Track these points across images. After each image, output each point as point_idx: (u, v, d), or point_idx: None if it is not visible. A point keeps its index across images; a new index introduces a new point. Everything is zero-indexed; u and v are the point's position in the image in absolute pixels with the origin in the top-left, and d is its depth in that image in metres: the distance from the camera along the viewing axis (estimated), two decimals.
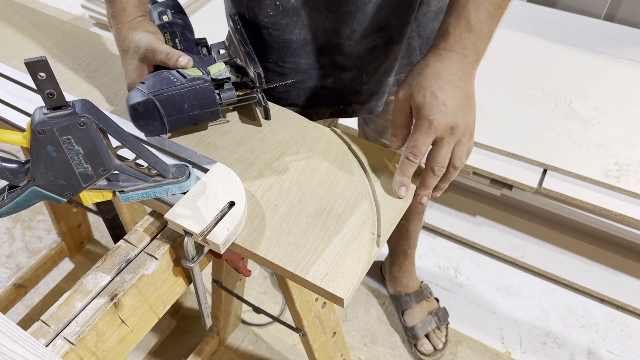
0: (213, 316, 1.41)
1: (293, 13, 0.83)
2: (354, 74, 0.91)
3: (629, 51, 1.79)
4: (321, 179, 0.72)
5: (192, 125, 0.75)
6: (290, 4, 0.82)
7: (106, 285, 0.63)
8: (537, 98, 1.64)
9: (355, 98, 0.95)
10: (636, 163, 1.45)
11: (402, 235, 1.44)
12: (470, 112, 0.69)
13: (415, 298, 1.53)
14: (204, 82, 0.71)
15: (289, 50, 0.87)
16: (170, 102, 0.70)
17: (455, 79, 0.68)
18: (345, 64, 0.89)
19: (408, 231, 1.43)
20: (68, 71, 0.89)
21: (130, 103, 0.70)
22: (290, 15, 0.83)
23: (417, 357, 1.48)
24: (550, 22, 1.91)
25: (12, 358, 0.54)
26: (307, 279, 0.61)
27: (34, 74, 0.52)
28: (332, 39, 0.85)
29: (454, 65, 0.68)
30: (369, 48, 0.87)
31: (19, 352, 0.54)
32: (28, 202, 0.61)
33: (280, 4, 0.82)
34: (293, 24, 0.84)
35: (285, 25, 0.84)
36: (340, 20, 0.83)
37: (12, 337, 0.55)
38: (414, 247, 1.50)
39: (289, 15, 0.83)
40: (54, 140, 0.57)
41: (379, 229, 0.67)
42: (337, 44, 0.86)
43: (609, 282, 1.59)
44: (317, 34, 0.85)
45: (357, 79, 0.92)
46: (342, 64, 0.89)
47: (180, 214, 0.63)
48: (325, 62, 0.89)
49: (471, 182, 1.68)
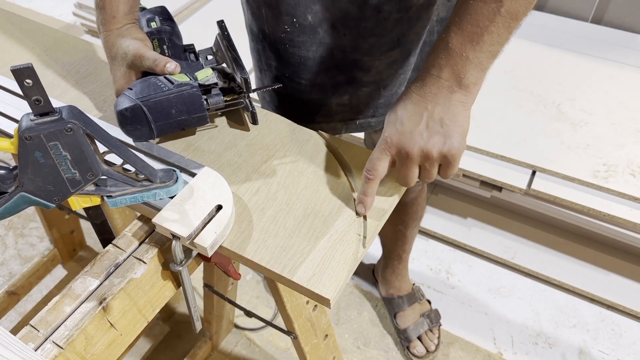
0: (205, 321, 1.41)
1: (310, 31, 0.82)
2: (371, 89, 0.89)
3: (616, 53, 1.81)
4: (308, 182, 0.73)
5: (180, 130, 0.76)
6: (308, 22, 0.81)
7: (95, 289, 0.64)
8: (526, 100, 1.66)
9: (372, 112, 0.94)
10: (624, 163, 1.47)
11: (399, 239, 1.45)
12: (441, 138, 0.64)
13: (408, 300, 1.53)
14: (191, 87, 0.72)
15: (305, 67, 0.87)
16: (158, 108, 0.71)
17: (423, 100, 0.65)
18: (363, 79, 0.88)
19: (405, 236, 1.44)
20: (57, 78, 0.90)
21: (118, 109, 0.71)
22: (307, 33, 0.82)
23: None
24: (539, 25, 1.93)
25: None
26: (294, 281, 0.62)
27: (21, 80, 0.53)
28: (350, 55, 0.84)
29: (425, 86, 0.65)
30: (388, 63, 0.86)
31: (7, 356, 0.55)
32: (17, 207, 0.62)
33: (297, 21, 0.81)
34: (310, 42, 0.83)
35: (302, 42, 0.83)
36: (358, 37, 0.82)
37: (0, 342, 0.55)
38: (409, 252, 1.51)
39: (305, 33, 0.82)
40: (42, 146, 0.57)
41: (365, 230, 0.68)
42: (354, 60, 0.85)
43: (599, 282, 1.60)
44: (334, 52, 0.84)
45: (374, 94, 0.90)
46: (360, 80, 0.88)
47: (168, 217, 0.64)
48: (342, 79, 0.88)
49: (461, 184, 1.69)
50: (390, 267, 1.54)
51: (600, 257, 1.65)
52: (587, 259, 1.65)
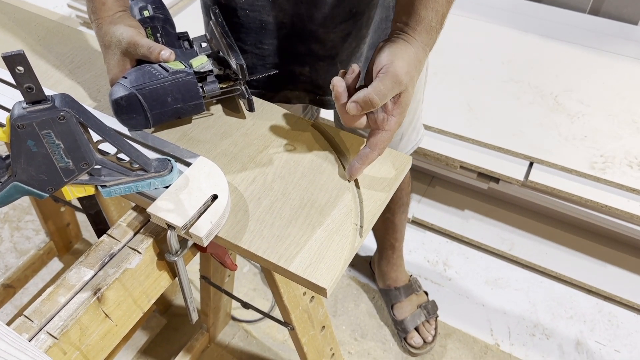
0: (202, 313, 1.41)
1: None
2: (327, 63, 0.92)
3: (614, 44, 1.80)
4: (304, 172, 0.72)
5: (175, 118, 0.75)
6: None
7: (89, 279, 0.63)
8: (523, 92, 1.66)
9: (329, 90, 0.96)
10: (621, 155, 1.46)
11: (389, 228, 1.45)
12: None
13: (405, 292, 1.53)
14: (186, 75, 0.71)
15: (266, 32, 0.88)
16: (154, 96, 0.70)
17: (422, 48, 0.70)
18: (319, 52, 0.90)
19: (394, 224, 1.44)
20: (51, 68, 0.89)
21: (113, 98, 0.70)
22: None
23: (407, 351, 1.49)
24: (536, 16, 1.92)
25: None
26: (290, 270, 0.61)
27: (12, 67, 0.52)
28: (307, 25, 0.86)
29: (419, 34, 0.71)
30: (342, 36, 0.88)
31: (1, 346, 0.54)
32: (9, 197, 0.61)
33: None
34: (269, 7, 0.85)
35: (262, 6, 0.85)
36: (313, 6, 0.84)
37: None
38: (401, 240, 1.50)
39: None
40: (34, 134, 0.56)
41: (362, 220, 0.67)
42: (311, 30, 0.87)
43: (596, 273, 1.60)
44: (293, 19, 0.86)
45: (331, 69, 0.92)
46: (317, 53, 0.90)
47: (162, 207, 0.63)
48: (302, 49, 0.90)
49: (458, 176, 1.69)
50: (385, 258, 1.54)
51: (597, 249, 1.65)
52: (584, 251, 1.65)
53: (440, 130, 1.56)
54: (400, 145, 1.14)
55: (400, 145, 1.14)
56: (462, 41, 1.81)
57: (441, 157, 1.54)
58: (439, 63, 1.74)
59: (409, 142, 1.16)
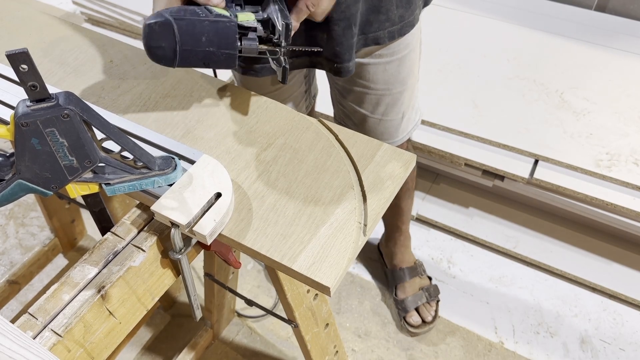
0: (206, 310, 1.41)
1: None
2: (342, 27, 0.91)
3: (620, 41, 1.79)
4: (308, 170, 0.72)
5: (203, 65, 0.71)
6: None
7: (93, 277, 0.64)
8: (528, 89, 1.65)
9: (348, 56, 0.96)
10: (627, 152, 1.46)
11: (395, 213, 1.49)
12: None
13: (409, 273, 1.56)
14: (229, 21, 0.69)
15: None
16: (189, 30, 0.68)
17: None
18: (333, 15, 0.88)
19: (400, 208, 1.47)
20: (55, 65, 0.89)
21: (147, 22, 0.67)
22: None
23: (406, 330, 1.51)
24: (542, 13, 1.91)
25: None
26: (293, 269, 0.61)
27: (16, 65, 0.52)
28: None
29: None
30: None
31: (5, 344, 0.54)
32: (14, 195, 0.61)
33: None
34: None
35: None
36: None
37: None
38: (407, 223, 1.54)
39: None
40: (38, 132, 0.56)
41: (366, 218, 0.67)
42: None
43: (601, 271, 1.59)
44: None
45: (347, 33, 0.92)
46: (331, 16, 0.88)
47: (166, 205, 0.63)
48: None
49: (463, 173, 1.69)
50: (392, 240, 1.58)
51: (603, 247, 1.64)
52: (589, 249, 1.64)
53: (445, 127, 1.55)
54: (402, 126, 1.17)
55: (402, 126, 1.17)
56: (467, 38, 1.80)
57: (446, 155, 1.54)
58: (444, 60, 1.74)
59: (409, 121, 1.19)
